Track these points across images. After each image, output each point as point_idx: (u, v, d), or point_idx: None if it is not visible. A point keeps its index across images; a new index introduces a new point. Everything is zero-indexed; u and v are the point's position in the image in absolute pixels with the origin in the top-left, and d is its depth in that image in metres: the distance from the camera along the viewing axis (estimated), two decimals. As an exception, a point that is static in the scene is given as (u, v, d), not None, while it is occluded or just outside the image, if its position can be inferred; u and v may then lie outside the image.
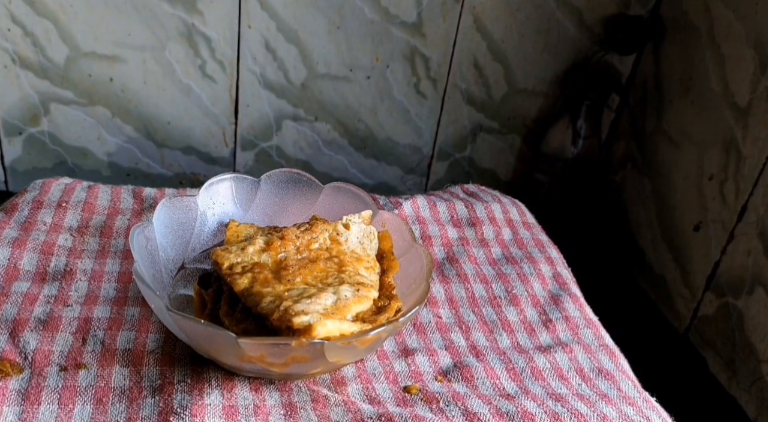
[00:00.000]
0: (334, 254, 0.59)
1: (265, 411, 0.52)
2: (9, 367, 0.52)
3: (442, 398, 0.55)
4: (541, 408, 0.54)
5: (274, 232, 0.61)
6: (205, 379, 0.53)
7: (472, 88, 1.29)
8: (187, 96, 1.21)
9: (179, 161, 1.28)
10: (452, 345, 0.62)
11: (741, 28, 1.03)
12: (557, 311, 0.68)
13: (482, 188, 0.88)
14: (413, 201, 0.80)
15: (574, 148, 1.30)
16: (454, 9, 1.20)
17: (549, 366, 0.61)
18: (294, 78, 1.23)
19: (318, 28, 1.18)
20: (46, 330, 0.56)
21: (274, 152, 1.30)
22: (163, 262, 0.61)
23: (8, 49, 1.13)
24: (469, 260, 0.73)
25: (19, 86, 1.16)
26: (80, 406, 0.50)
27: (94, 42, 1.14)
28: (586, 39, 1.27)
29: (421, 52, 1.24)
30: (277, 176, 0.68)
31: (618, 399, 0.58)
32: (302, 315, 0.50)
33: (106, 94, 1.19)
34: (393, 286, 0.58)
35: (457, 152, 1.36)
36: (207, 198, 0.66)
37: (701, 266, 1.10)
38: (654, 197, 1.24)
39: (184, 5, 1.13)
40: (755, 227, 0.99)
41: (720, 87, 1.08)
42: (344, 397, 0.54)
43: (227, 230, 0.62)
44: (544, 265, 0.74)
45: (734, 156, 1.04)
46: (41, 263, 0.63)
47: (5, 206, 0.71)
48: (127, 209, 0.73)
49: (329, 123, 1.28)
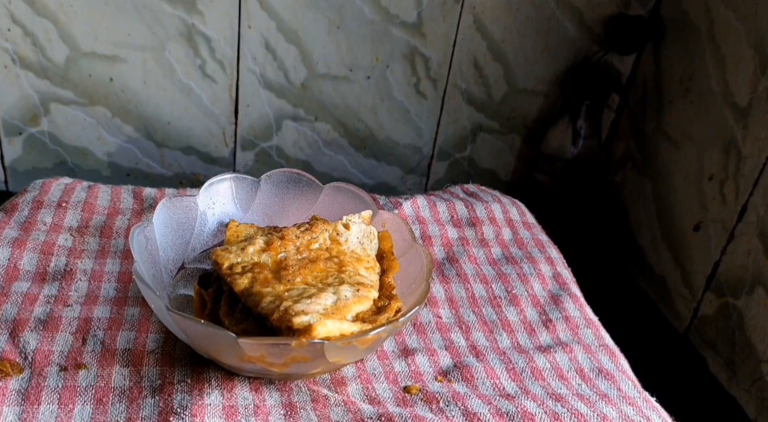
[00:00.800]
0: (334, 254, 0.59)
1: (265, 411, 0.52)
2: (9, 367, 0.52)
3: (442, 398, 0.55)
4: (541, 408, 0.54)
5: (274, 232, 0.61)
6: (205, 379, 0.53)
7: (472, 88, 1.29)
8: (187, 96, 1.21)
9: (179, 161, 1.28)
10: (452, 345, 0.62)
11: (741, 28, 1.03)
12: (557, 311, 0.68)
13: (482, 188, 0.88)
14: (413, 201, 0.80)
15: (574, 148, 1.30)
16: (454, 9, 1.20)
17: (549, 366, 0.61)
18: (294, 78, 1.23)
19: (318, 28, 1.18)
20: (46, 330, 0.56)
21: (274, 152, 1.30)
22: (163, 262, 0.61)
23: (8, 49, 1.13)
24: (469, 260, 0.73)
25: (19, 86, 1.16)
26: (80, 406, 0.50)
27: (94, 42, 1.14)
28: (586, 39, 1.27)
29: (421, 52, 1.24)
30: (277, 176, 0.68)
31: (618, 399, 0.58)
32: (302, 315, 0.50)
33: (106, 94, 1.19)
34: (393, 286, 0.58)
35: (457, 152, 1.36)
36: (207, 198, 0.66)
37: (701, 266, 1.10)
38: (654, 197, 1.24)
39: (184, 5, 1.13)
40: (755, 227, 0.99)
41: (720, 87, 1.08)
42: (344, 397, 0.54)
43: (227, 230, 0.62)
44: (544, 265, 0.74)
45: (734, 156, 1.04)
46: (41, 263, 0.63)
47: (5, 206, 0.71)
48: (127, 209, 0.73)
49: (329, 123, 1.28)
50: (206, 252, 0.65)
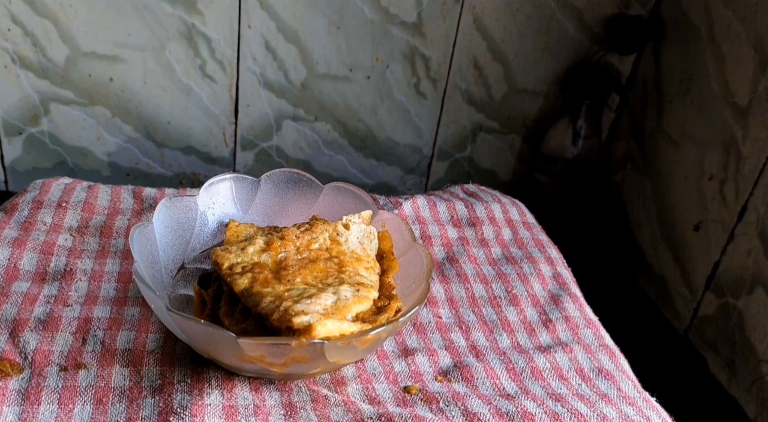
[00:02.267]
0: (334, 255, 0.59)
1: (265, 411, 0.52)
2: (9, 367, 0.52)
3: (442, 398, 0.55)
4: (541, 408, 0.54)
5: (274, 232, 0.61)
6: (205, 379, 0.53)
7: (472, 88, 1.29)
8: (187, 96, 1.21)
9: (179, 161, 1.28)
10: (452, 345, 0.62)
11: (741, 28, 1.03)
12: (557, 311, 0.68)
13: (482, 188, 0.88)
14: (413, 201, 0.80)
15: (574, 148, 1.30)
16: (454, 9, 1.20)
17: (549, 366, 0.61)
18: (294, 78, 1.23)
19: (318, 28, 1.18)
20: (46, 330, 0.56)
21: (274, 152, 1.30)
22: (163, 262, 0.61)
23: (8, 49, 1.13)
24: (469, 260, 0.73)
25: (19, 86, 1.16)
26: (80, 406, 0.50)
27: (94, 42, 1.14)
28: (586, 39, 1.27)
29: (421, 52, 1.24)
30: (277, 176, 0.68)
31: (618, 399, 0.58)
32: (302, 315, 0.50)
33: (106, 94, 1.19)
34: (393, 286, 0.58)
35: (457, 152, 1.36)
36: (207, 198, 0.66)
37: (701, 266, 1.10)
38: (654, 197, 1.24)
39: (184, 5, 1.13)
40: (755, 227, 0.99)
41: (720, 87, 1.08)
42: (344, 397, 0.54)
43: (227, 230, 0.62)
44: (544, 265, 0.74)
45: (734, 156, 1.04)
46: (41, 263, 0.63)
47: (5, 206, 0.71)
48: (127, 209, 0.73)
49: (329, 123, 1.28)
50: (206, 252, 0.65)
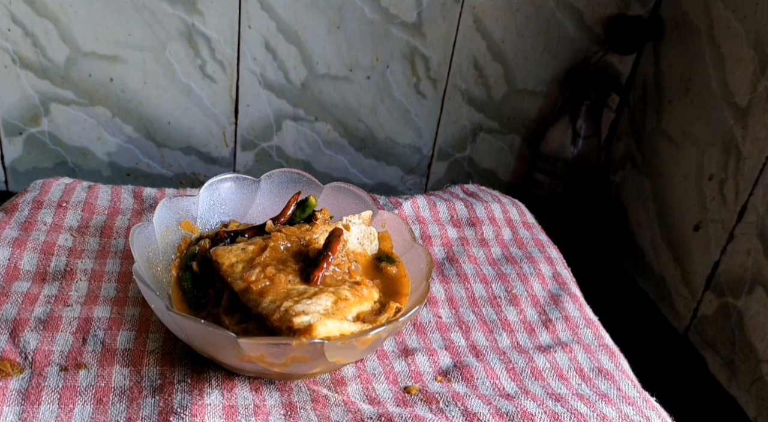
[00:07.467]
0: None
1: (265, 411, 0.52)
2: (9, 367, 0.52)
3: (442, 398, 0.55)
4: (541, 408, 0.54)
5: (273, 232, 0.61)
6: (205, 379, 0.53)
7: (472, 88, 1.29)
8: (187, 96, 1.21)
9: (179, 161, 1.28)
10: (452, 345, 0.62)
11: (741, 28, 1.03)
12: (557, 311, 0.68)
13: (482, 188, 0.88)
14: (413, 201, 0.80)
15: (573, 148, 1.30)
16: (454, 9, 1.20)
17: (549, 366, 0.61)
18: (294, 78, 1.23)
19: (318, 28, 1.18)
20: (46, 330, 0.56)
21: (274, 152, 1.30)
22: (163, 262, 0.61)
23: (8, 49, 1.13)
24: (469, 260, 0.73)
25: (19, 86, 1.16)
26: (80, 406, 0.50)
27: (94, 42, 1.14)
28: (586, 39, 1.27)
29: (421, 52, 1.24)
30: (277, 176, 0.68)
31: (618, 399, 0.58)
32: (303, 315, 0.50)
33: (106, 94, 1.19)
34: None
35: (457, 152, 1.36)
36: (207, 198, 0.66)
37: (701, 266, 1.10)
38: (654, 197, 1.24)
39: (184, 5, 1.13)
40: (755, 227, 0.99)
41: (720, 87, 1.08)
42: (344, 397, 0.54)
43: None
44: (544, 265, 0.74)
45: (734, 156, 1.04)
46: (41, 263, 0.63)
47: (5, 206, 0.71)
48: (128, 209, 0.73)
49: (329, 123, 1.28)
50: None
